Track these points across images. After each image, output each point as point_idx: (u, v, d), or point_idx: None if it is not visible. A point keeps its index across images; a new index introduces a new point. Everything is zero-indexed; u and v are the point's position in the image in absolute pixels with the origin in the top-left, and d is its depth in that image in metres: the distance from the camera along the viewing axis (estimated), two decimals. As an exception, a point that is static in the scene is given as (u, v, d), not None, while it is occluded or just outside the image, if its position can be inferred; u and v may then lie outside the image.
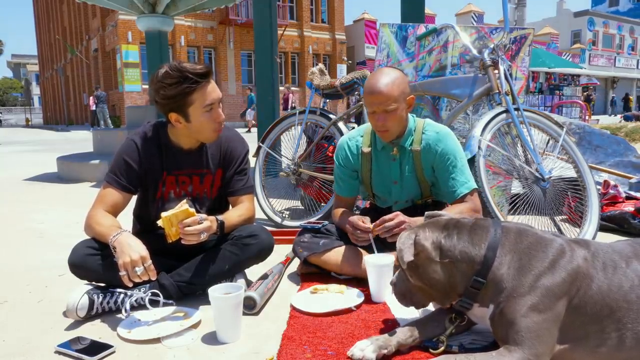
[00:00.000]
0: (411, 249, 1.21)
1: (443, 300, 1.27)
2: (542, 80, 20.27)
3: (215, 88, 1.63)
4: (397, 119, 1.76)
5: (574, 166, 2.35)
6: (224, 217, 1.68)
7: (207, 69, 1.59)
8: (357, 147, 1.94)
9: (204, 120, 1.62)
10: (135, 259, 1.42)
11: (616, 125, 8.98)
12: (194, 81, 1.55)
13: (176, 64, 1.57)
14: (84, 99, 25.40)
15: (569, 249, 1.16)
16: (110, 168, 1.69)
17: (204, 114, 1.60)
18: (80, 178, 4.97)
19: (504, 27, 2.53)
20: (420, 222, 1.33)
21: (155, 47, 5.70)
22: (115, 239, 1.48)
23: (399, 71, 1.81)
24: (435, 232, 1.24)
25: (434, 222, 1.28)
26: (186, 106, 1.59)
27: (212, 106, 1.62)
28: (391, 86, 1.72)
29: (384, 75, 1.75)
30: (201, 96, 1.58)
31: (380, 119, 1.75)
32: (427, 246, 1.22)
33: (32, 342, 1.41)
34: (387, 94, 1.71)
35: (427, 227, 1.26)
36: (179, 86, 1.55)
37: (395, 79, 1.74)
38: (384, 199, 1.99)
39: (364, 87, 1.80)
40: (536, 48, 18.33)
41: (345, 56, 25.55)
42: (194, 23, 21.27)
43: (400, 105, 1.74)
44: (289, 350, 1.29)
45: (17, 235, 2.81)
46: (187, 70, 1.54)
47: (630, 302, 1.09)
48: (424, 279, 1.25)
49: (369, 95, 1.75)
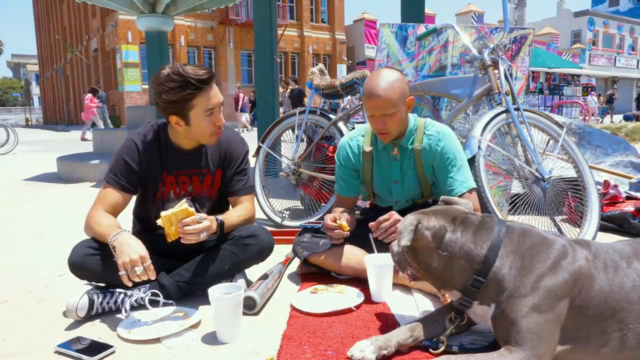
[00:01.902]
0: (411, 235, 1.21)
1: (437, 286, 1.29)
2: (542, 80, 20.26)
3: (217, 93, 1.62)
4: (396, 121, 1.76)
5: (574, 166, 2.35)
6: (224, 217, 1.68)
7: (209, 74, 1.58)
8: (359, 146, 1.93)
9: (204, 125, 1.61)
10: (134, 258, 1.42)
11: (616, 125, 8.98)
12: (196, 87, 1.54)
13: (179, 67, 1.55)
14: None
15: (571, 250, 1.16)
16: (110, 168, 1.69)
17: (204, 119, 1.60)
18: (80, 178, 4.96)
19: (504, 27, 2.52)
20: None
21: (155, 47, 5.69)
22: (114, 239, 1.48)
23: (398, 72, 1.78)
24: (440, 221, 1.24)
25: (444, 211, 1.28)
26: (187, 110, 1.58)
27: (213, 111, 1.61)
28: (390, 90, 1.70)
29: (382, 78, 1.73)
30: (202, 101, 1.57)
31: (380, 122, 1.75)
32: (428, 235, 1.22)
33: (32, 342, 1.41)
34: (385, 98, 1.70)
35: (433, 215, 1.26)
36: (181, 91, 1.54)
37: (394, 82, 1.72)
38: (384, 198, 1.99)
39: (363, 90, 1.79)
40: (536, 48, 18.32)
41: (345, 56, 25.56)
42: (194, 23, 21.28)
43: (399, 108, 1.73)
44: (289, 350, 1.29)
45: (17, 235, 2.81)
46: (190, 75, 1.53)
47: (632, 303, 1.09)
48: (420, 263, 1.27)
49: (368, 100, 1.74)
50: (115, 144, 4.53)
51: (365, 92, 1.76)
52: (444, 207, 1.33)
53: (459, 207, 1.33)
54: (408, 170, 1.88)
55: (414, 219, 1.24)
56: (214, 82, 1.61)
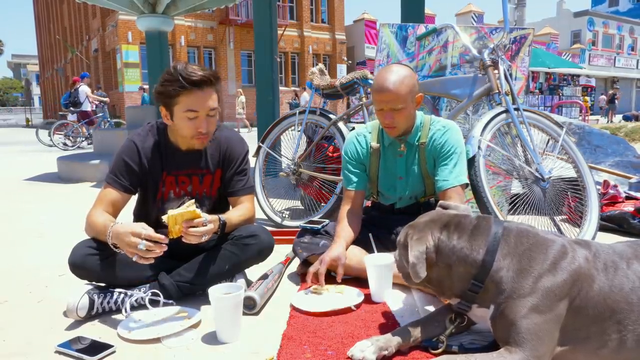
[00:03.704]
0: (424, 264, 1.20)
1: (438, 293, 1.30)
2: (542, 80, 20.28)
3: (207, 99, 1.60)
4: (405, 116, 1.76)
5: (573, 166, 2.35)
6: (226, 217, 1.68)
7: (203, 78, 1.57)
8: (367, 142, 1.94)
9: (183, 125, 1.63)
10: (132, 241, 1.42)
11: (616, 125, 8.98)
12: (181, 85, 1.56)
13: (178, 64, 1.58)
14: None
15: (571, 250, 1.16)
16: (110, 169, 1.70)
17: (184, 118, 1.61)
18: (80, 178, 4.96)
19: (504, 27, 2.52)
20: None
21: (155, 47, 5.69)
22: (110, 235, 1.49)
23: (409, 68, 1.79)
24: (436, 233, 1.23)
25: (435, 220, 1.27)
26: (172, 105, 1.61)
27: (196, 114, 1.60)
28: (400, 85, 1.71)
29: (393, 73, 1.73)
30: (185, 100, 1.58)
31: (388, 117, 1.75)
32: (433, 257, 1.22)
33: (33, 342, 1.41)
34: (395, 92, 1.70)
35: (430, 231, 1.24)
36: (168, 85, 1.58)
37: (405, 77, 1.73)
38: (388, 196, 1.99)
39: (373, 84, 1.79)
40: (536, 48, 18.34)
41: (345, 56, 25.55)
42: (194, 23, 21.27)
43: (408, 104, 1.74)
44: (289, 350, 1.29)
45: (17, 235, 2.81)
46: (180, 73, 1.55)
47: (631, 304, 1.09)
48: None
49: (378, 94, 1.74)
50: (115, 144, 4.52)
51: (375, 86, 1.76)
52: (435, 214, 1.32)
53: (451, 211, 1.33)
54: (413, 166, 1.88)
55: (420, 245, 1.22)
56: (209, 88, 1.60)
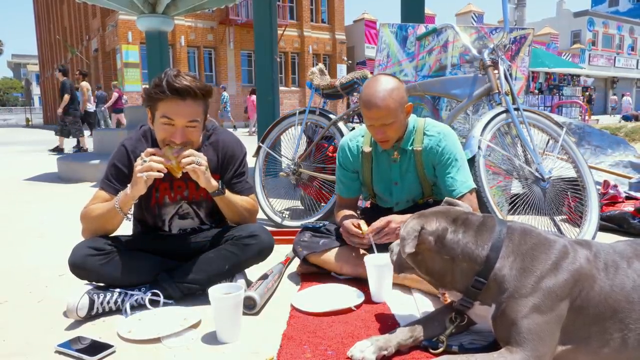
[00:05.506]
0: (415, 241, 1.21)
1: (436, 286, 1.30)
2: (542, 80, 20.28)
3: (185, 109, 1.58)
4: (396, 129, 1.75)
5: (573, 166, 2.35)
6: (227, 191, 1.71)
7: (185, 88, 1.55)
8: (358, 147, 1.93)
9: (158, 129, 1.63)
10: (138, 169, 1.52)
11: (616, 125, 8.98)
12: (162, 90, 1.55)
13: (171, 71, 1.59)
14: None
15: (572, 250, 1.16)
16: (104, 175, 1.71)
17: (159, 124, 1.61)
18: (80, 178, 4.96)
19: (504, 27, 2.52)
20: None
21: (156, 47, 5.69)
22: (118, 202, 1.57)
23: (395, 80, 1.75)
24: (442, 223, 1.23)
25: (444, 212, 1.28)
26: (154, 108, 1.62)
27: (171, 122, 1.59)
28: (388, 99, 1.68)
29: (381, 88, 1.70)
30: (163, 107, 1.58)
31: (379, 132, 1.74)
32: (431, 240, 1.22)
33: (33, 342, 1.41)
34: (385, 108, 1.68)
35: (435, 217, 1.25)
36: (152, 89, 1.59)
37: (392, 90, 1.70)
38: (385, 199, 1.99)
39: (360, 99, 1.76)
40: (536, 48, 18.34)
41: (345, 56, 25.54)
42: (194, 23, 21.26)
43: (398, 117, 1.72)
44: (288, 350, 1.29)
45: (17, 235, 2.81)
46: (167, 79, 1.55)
47: (633, 303, 1.09)
48: (421, 267, 1.26)
49: (366, 111, 1.72)
50: (115, 144, 4.52)
51: (363, 103, 1.73)
52: (444, 207, 1.33)
53: (459, 208, 1.33)
54: (408, 171, 1.88)
55: (417, 224, 1.24)
56: (192, 100, 1.58)
